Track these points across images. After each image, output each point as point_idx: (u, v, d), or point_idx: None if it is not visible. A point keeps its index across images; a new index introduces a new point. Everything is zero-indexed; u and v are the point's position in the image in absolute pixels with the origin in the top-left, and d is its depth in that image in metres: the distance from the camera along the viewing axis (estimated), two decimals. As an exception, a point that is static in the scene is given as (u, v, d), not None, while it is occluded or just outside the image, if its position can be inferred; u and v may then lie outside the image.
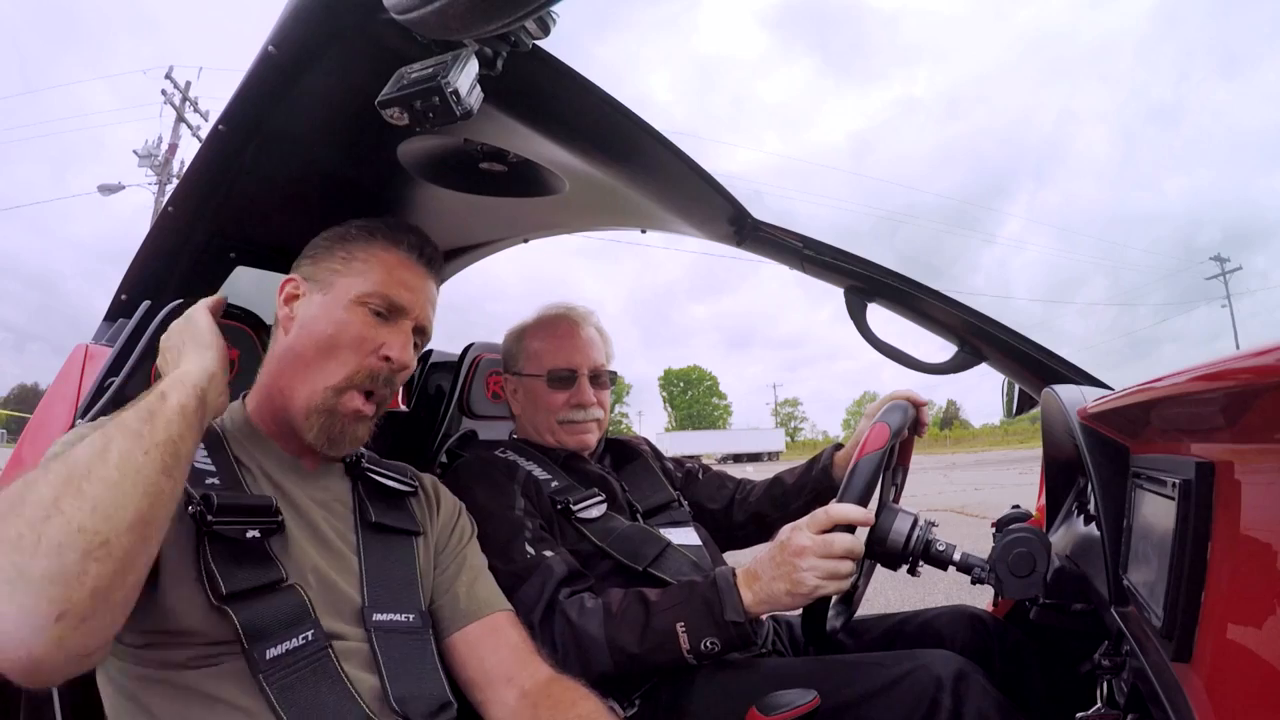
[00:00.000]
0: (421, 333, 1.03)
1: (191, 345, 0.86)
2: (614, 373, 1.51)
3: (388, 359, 0.96)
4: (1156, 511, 0.70)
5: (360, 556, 0.96)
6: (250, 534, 0.84)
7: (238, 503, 0.85)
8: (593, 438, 1.45)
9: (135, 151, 20.28)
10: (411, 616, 0.96)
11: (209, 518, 0.81)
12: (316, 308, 0.97)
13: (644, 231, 1.63)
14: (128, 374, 1.08)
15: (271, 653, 0.81)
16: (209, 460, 0.90)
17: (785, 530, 1.06)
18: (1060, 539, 1.20)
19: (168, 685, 0.79)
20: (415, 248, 1.02)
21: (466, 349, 1.76)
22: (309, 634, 0.84)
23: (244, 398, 1.01)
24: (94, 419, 1.03)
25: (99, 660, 0.69)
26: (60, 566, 0.60)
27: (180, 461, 0.72)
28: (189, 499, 0.82)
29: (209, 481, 0.87)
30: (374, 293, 0.96)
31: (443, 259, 1.09)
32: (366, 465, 1.03)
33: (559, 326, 1.47)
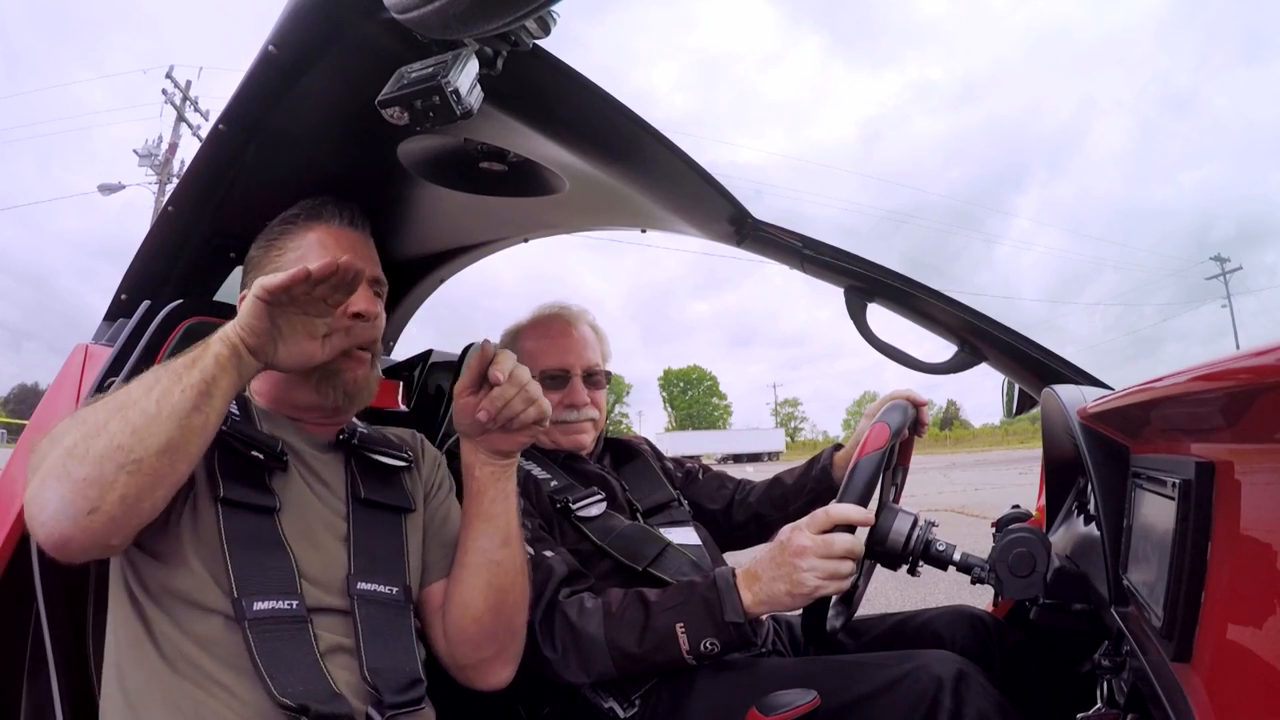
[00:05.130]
0: (377, 282, 1.06)
1: (243, 308, 0.88)
2: (609, 372, 1.51)
3: (357, 314, 0.98)
4: (1156, 511, 0.70)
5: (349, 524, 0.99)
6: (254, 453, 0.93)
7: (249, 433, 0.94)
8: (587, 438, 1.45)
9: (135, 151, 20.31)
10: (395, 589, 0.99)
11: (223, 428, 0.87)
12: None
13: (644, 231, 1.63)
14: (128, 374, 1.08)
15: (258, 606, 0.86)
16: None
17: (785, 530, 1.06)
18: (1060, 539, 1.20)
19: (162, 633, 0.85)
20: (336, 215, 1.06)
21: (467, 349, 1.76)
22: (293, 603, 0.89)
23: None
24: None
25: (117, 550, 0.84)
26: (99, 474, 0.74)
27: (213, 400, 0.80)
28: None
29: (231, 414, 0.94)
30: None
31: (369, 221, 1.10)
32: (359, 445, 1.06)
33: (552, 326, 1.47)
